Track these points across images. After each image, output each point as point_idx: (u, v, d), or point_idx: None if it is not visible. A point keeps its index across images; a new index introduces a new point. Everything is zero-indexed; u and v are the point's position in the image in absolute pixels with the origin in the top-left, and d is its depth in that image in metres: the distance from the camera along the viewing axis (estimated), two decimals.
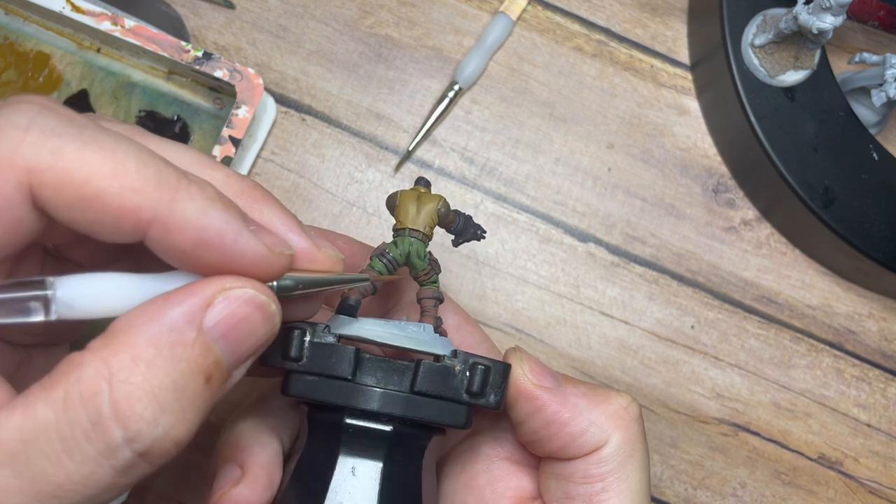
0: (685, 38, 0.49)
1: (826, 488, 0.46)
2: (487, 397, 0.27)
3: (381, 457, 0.27)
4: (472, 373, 0.27)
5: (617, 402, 0.29)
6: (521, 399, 0.28)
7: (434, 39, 0.48)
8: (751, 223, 0.48)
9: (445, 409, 0.27)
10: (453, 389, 0.27)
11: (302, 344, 0.26)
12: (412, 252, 0.30)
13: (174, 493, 0.44)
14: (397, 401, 0.26)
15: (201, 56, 0.42)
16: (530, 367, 0.29)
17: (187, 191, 0.20)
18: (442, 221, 0.30)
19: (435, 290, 0.30)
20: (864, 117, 0.46)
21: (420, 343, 0.28)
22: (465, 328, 0.34)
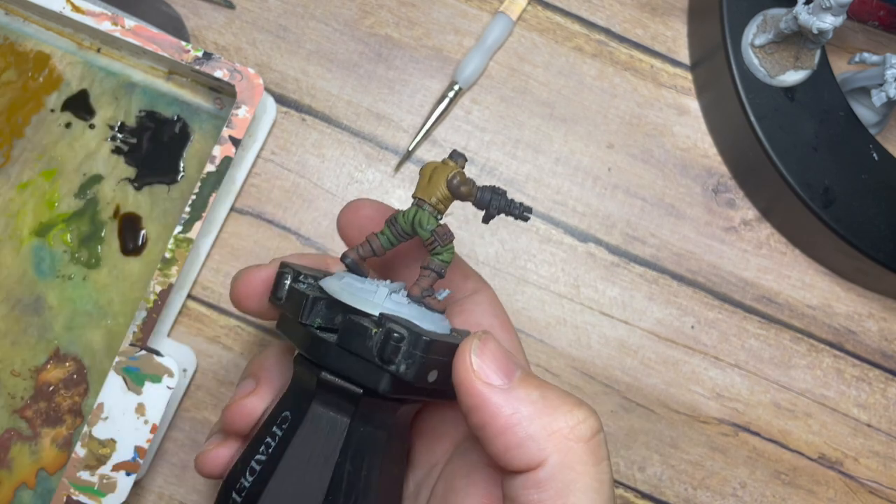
0: (685, 38, 0.49)
1: (826, 488, 0.46)
2: (398, 366, 0.26)
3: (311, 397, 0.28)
4: (385, 337, 0.26)
5: (564, 418, 0.25)
6: (463, 391, 0.26)
7: (434, 39, 0.48)
8: (751, 223, 0.48)
9: (364, 368, 0.27)
10: (367, 350, 0.26)
11: (283, 286, 0.30)
12: (415, 220, 0.29)
13: (174, 493, 0.44)
14: (324, 348, 0.27)
15: (201, 56, 0.42)
16: (481, 358, 0.26)
17: None
18: (455, 192, 0.29)
19: (436, 263, 0.29)
20: (864, 117, 0.46)
21: (358, 300, 0.28)
22: (498, 333, 0.33)
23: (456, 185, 0.29)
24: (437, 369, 0.27)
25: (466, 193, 0.29)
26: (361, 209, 0.34)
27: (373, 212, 0.34)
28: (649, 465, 0.45)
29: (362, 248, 0.30)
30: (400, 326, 0.26)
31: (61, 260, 0.44)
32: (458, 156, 0.30)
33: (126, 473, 0.39)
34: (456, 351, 0.27)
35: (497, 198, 0.30)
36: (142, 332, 0.40)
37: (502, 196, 0.30)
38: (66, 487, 0.38)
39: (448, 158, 0.30)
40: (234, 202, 0.45)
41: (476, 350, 0.26)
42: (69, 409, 0.43)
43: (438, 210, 0.30)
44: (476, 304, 0.34)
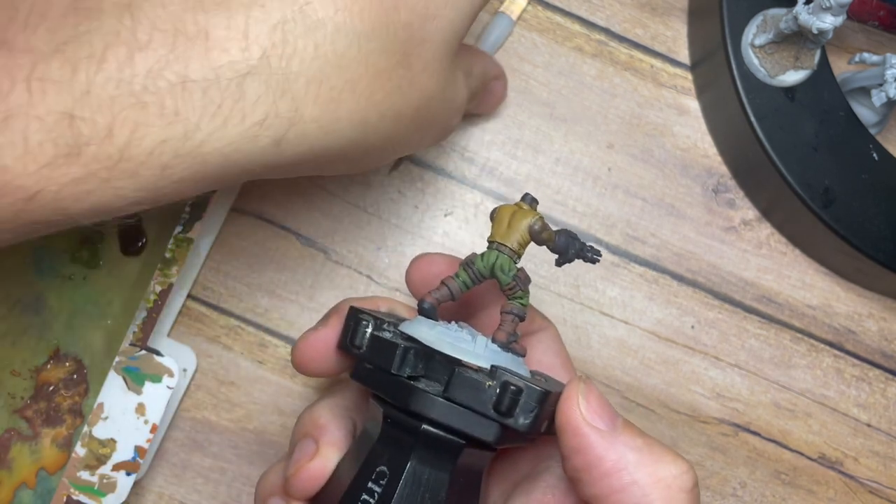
0: (685, 38, 0.49)
1: (826, 488, 0.46)
2: (516, 418, 0.27)
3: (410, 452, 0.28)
4: (502, 390, 0.26)
5: (669, 468, 0.27)
6: (568, 432, 0.27)
7: None
8: (751, 223, 0.48)
9: (474, 421, 0.27)
10: (482, 403, 0.27)
11: (364, 334, 0.29)
12: (496, 266, 0.30)
13: (174, 493, 0.44)
14: (428, 402, 0.27)
15: None
16: (588, 402, 0.27)
17: None
18: (535, 238, 0.30)
19: (517, 307, 0.30)
20: (864, 117, 0.46)
21: (463, 352, 0.28)
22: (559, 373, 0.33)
23: (538, 231, 0.30)
24: (546, 420, 0.28)
25: (547, 239, 0.30)
26: (434, 265, 0.34)
27: (446, 267, 0.34)
28: None
29: (439, 293, 0.30)
30: (516, 378, 0.27)
31: (61, 260, 0.44)
32: (531, 199, 0.31)
33: (126, 473, 0.39)
34: (562, 395, 0.28)
35: (573, 242, 0.31)
36: (142, 332, 0.40)
37: (576, 240, 0.31)
38: (66, 487, 0.38)
39: (521, 202, 0.31)
40: (234, 202, 0.45)
41: (584, 394, 0.28)
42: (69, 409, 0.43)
43: (518, 255, 0.30)
44: (539, 341, 0.35)
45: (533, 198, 0.31)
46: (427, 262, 0.34)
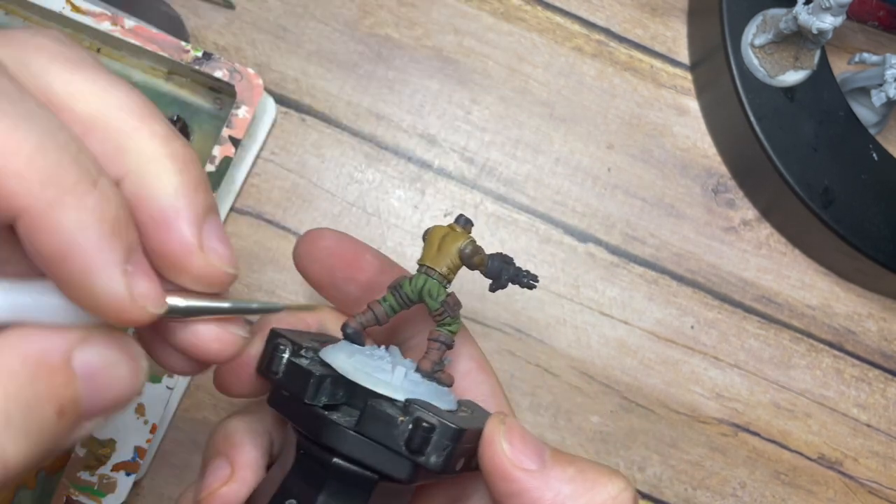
0: (685, 38, 0.49)
1: (826, 488, 0.46)
2: (427, 457, 0.25)
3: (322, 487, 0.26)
4: (414, 427, 0.25)
5: (607, 489, 0.26)
6: (497, 476, 0.26)
7: (434, 39, 0.48)
8: (751, 223, 0.48)
9: (386, 457, 0.25)
10: (393, 439, 0.25)
11: (281, 359, 0.27)
12: (424, 290, 0.28)
13: (174, 493, 0.44)
14: (340, 435, 0.26)
15: (201, 56, 0.42)
16: (511, 443, 0.26)
17: (77, 198, 0.18)
18: (466, 263, 0.28)
19: (445, 335, 0.28)
20: (864, 117, 0.46)
21: (379, 384, 0.26)
22: (476, 377, 0.32)
23: (469, 256, 0.28)
24: (464, 457, 0.26)
25: (479, 263, 0.29)
26: (320, 240, 0.32)
27: (334, 243, 0.32)
28: (649, 465, 0.45)
29: (364, 317, 0.29)
30: (430, 414, 0.25)
31: None
32: (465, 221, 0.29)
33: (126, 473, 0.39)
34: (482, 436, 0.26)
35: (507, 268, 0.29)
36: None
37: (511, 265, 0.29)
38: (66, 487, 0.38)
39: (455, 223, 0.29)
40: (234, 202, 0.45)
41: (505, 436, 0.26)
42: None
43: (448, 279, 0.28)
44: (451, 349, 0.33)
45: (467, 219, 0.29)
46: (313, 238, 0.32)
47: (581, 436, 0.45)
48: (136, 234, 0.20)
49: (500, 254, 0.29)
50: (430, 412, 0.25)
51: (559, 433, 0.45)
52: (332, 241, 0.32)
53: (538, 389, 0.45)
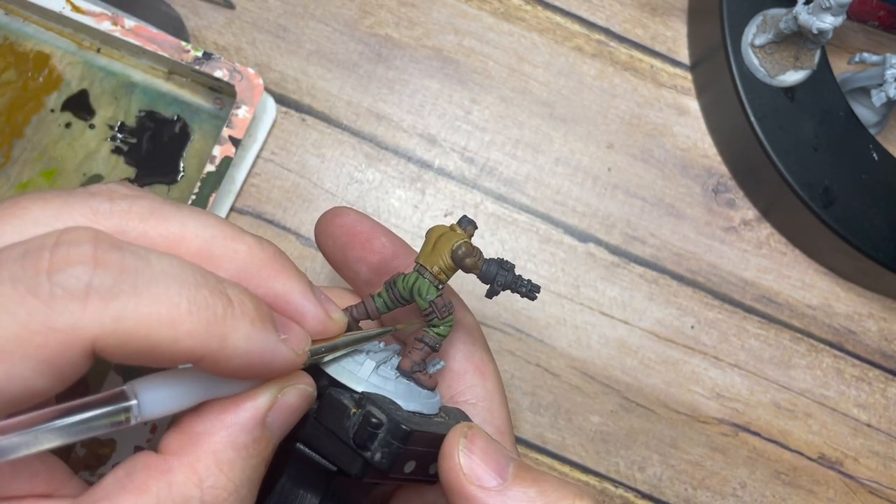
0: (685, 38, 0.49)
1: (826, 488, 0.46)
2: (373, 453, 0.24)
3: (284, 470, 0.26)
4: (363, 421, 0.24)
5: None
6: (454, 494, 0.24)
7: (434, 39, 0.48)
8: (751, 223, 0.48)
9: (339, 449, 0.25)
10: (343, 430, 0.25)
11: None
12: (414, 288, 0.28)
13: None
14: (303, 421, 0.25)
15: (201, 56, 0.42)
16: (470, 457, 0.24)
17: (233, 322, 0.22)
18: (458, 264, 0.27)
19: (431, 336, 0.28)
20: (864, 117, 0.46)
21: (343, 373, 0.26)
22: (471, 379, 0.31)
23: (460, 257, 0.27)
24: (415, 460, 0.25)
25: (471, 266, 0.27)
26: (338, 217, 0.32)
27: (351, 221, 0.32)
28: (649, 465, 0.45)
29: (356, 310, 0.28)
30: (379, 411, 0.24)
31: None
32: (467, 222, 0.28)
33: None
34: (441, 444, 0.25)
35: (503, 273, 0.28)
36: None
37: (509, 271, 0.28)
38: None
39: (457, 224, 0.28)
40: (234, 202, 0.45)
41: (464, 449, 0.25)
42: None
43: (440, 279, 0.28)
44: (449, 344, 0.32)
45: (470, 220, 0.28)
46: (332, 215, 0.32)
47: (581, 436, 0.45)
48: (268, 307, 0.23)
49: (500, 259, 0.28)
50: (381, 409, 0.25)
51: (559, 433, 0.45)
52: (349, 220, 0.32)
53: (538, 389, 0.45)
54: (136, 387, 0.22)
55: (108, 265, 0.20)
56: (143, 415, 0.22)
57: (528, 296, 0.28)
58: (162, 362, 0.21)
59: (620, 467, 0.45)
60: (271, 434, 0.23)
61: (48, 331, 0.19)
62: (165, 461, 0.22)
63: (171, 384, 0.22)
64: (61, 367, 0.20)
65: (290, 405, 0.24)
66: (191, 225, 0.23)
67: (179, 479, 0.21)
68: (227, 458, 0.22)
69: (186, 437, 0.22)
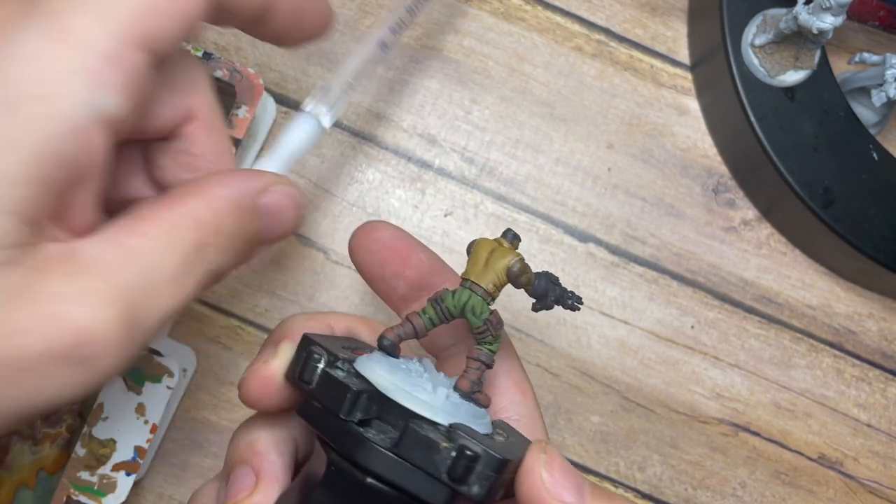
0: (685, 38, 0.49)
1: (826, 488, 0.46)
2: (470, 486, 0.24)
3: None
4: (458, 455, 0.24)
5: None
6: None
7: (434, 39, 0.48)
8: (751, 223, 0.48)
9: (424, 483, 0.25)
10: (433, 465, 0.24)
11: (315, 369, 0.26)
12: (467, 307, 0.27)
13: (174, 493, 0.44)
14: (377, 456, 0.25)
15: (201, 56, 0.42)
16: (551, 474, 0.25)
17: None
18: (513, 281, 0.27)
19: (485, 354, 0.28)
20: (864, 117, 0.46)
21: (420, 405, 0.26)
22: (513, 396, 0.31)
23: (516, 275, 0.27)
24: (504, 487, 0.25)
25: (526, 283, 0.28)
26: (375, 232, 0.31)
27: (388, 237, 0.31)
28: (649, 465, 0.45)
29: (402, 330, 0.28)
30: (474, 443, 0.24)
31: None
32: (512, 236, 0.28)
33: (126, 473, 0.39)
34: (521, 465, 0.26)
35: (553, 288, 0.28)
36: None
37: (557, 285, 0.28)
38: (66, 487, 0.38)
39: (502, 237, 0.28)
40: None
41: (546, 465, 0.25)
42: (69, 409, 0.43)
43: (492, 297, 0.27)
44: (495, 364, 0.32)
45: (515, 234, 0.28)
46: (369, 229, 0.32)
47: (581, 436, 0.45)
48: None
49: (547, 273, 0.28)
50: (474, 440, 0.24)
51: (559, 433, 0.45)
52: (387, 235, 0.31)
53: (538, 389, 0.45)
54: None
55: None
56: None
57: (573, 308, 0.29)
58: None
59: (620, 467, 0.45)
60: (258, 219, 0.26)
61: None
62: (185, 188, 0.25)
63: None
64: None
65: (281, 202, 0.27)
66: None
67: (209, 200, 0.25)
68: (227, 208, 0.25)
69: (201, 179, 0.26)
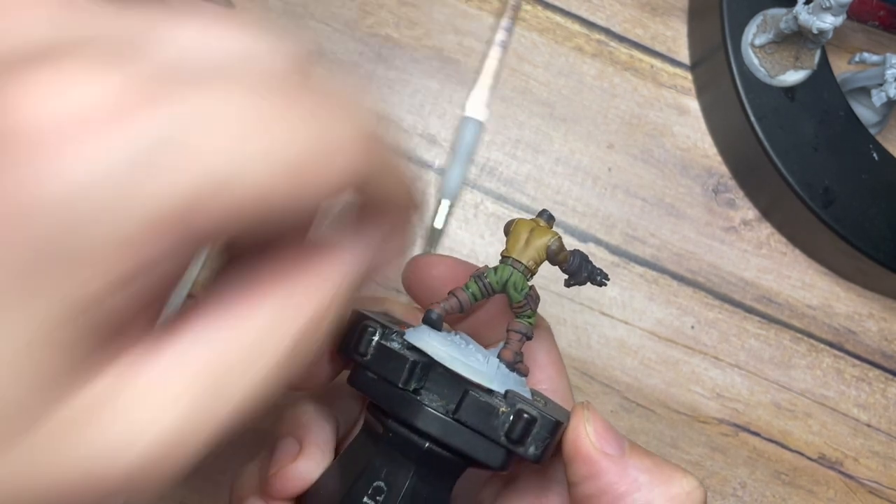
0: (685, 38, 0.49)
1: (826, 488, 0.46)
2: (527, 447, 0.26)
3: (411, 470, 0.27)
4: (515, 418, 0.26)
5: (680, 485, 0.28)
6: (580, 460, 0.27)
7: (434, 39, 0.48)
8: (751, 223, 0.48)
9: (482, 445, 0.26)
10: (492, 429, 0.26)
11: (370, 342, 0.27)
12: (509, 282, 0.29)
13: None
14: (436, 421, 0.26)
15: None
16: (595, 429, 0.27)
17: None
18: (551, 259, 0.29)
19: (525, 326, 0.29)
20: (864, 117, 0.46)
21: (476, 373, 0.27)
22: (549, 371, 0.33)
23: (555, 252, 0.29)
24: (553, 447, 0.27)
25: (563, 260, 0.30)
26: (432, 269, 0.32)
27: (446, 272, 0.32)
28: None
29: (448, 303, 0.29)
30: (531, 407, 0.26)
31: None
32: (548, 216, 0.30)
33: None
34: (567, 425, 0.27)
35: (586, 265, 0.30)
36: None
37: (589, 262, 0.30)
38: None
39: (539, 217, 0.30)
40: None
41: (590, 421, 0.27)
42: None
43: (532, 272, 0.29)
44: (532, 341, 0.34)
45: (550, 215, 0.30)
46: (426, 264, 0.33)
47: None
48: None
49: (580, 251, 0.30)
50: (530, 405, 0.26)
51: None
52: (444, 270, 0.32)
53: None
54: None
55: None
56: None
57: (601, 283, 0.31)
58: None
59: None
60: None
61: None
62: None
63: None
64: None
65: None
66: None
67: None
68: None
69: None
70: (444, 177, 0.46)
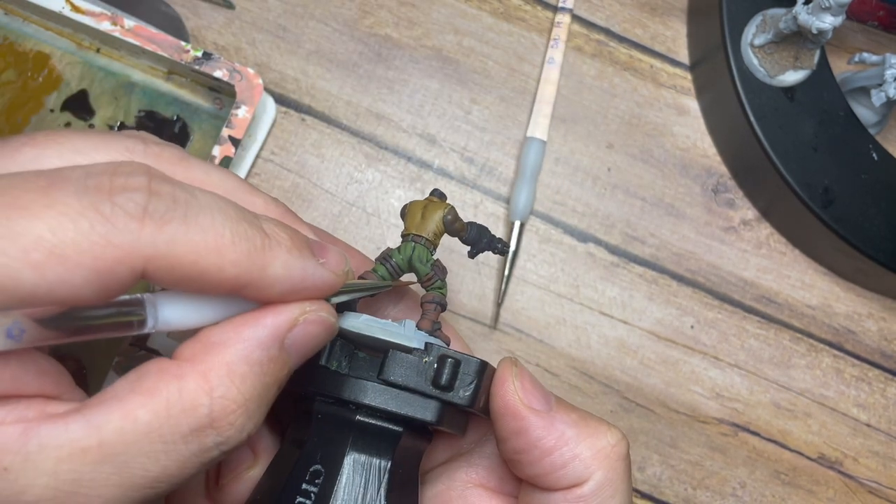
0: (685, 38, 0.49)
1: (826, 488, 0.46)
2: (457, 392, 0.26)
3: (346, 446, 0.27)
4: (440, 364, 0.26)
5: (606, 438, 0.28)
6: (508, 415, 0.27)
7: (434, 39, 0.48)
8: (750, 223, 0.48)
9: (412, 401, 0.27)
10: (419, 382, 0.26)
11: None
12: (414, 257, 0.30)
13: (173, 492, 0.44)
14: (362, 388, 0.27)
15: (201, 56, 0.42)
16: (522, 384, 0.27)
17: (272, 252, 0.23)
18: (448, 229, 0.30)
19: (437, 296, 0.30)
20: (864, 117, 0.46)
21: (393, 335, 0.27)
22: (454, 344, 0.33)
23: (451, 222, 0.30)
24: (485, 395, 0.27)
25: (460, 229, 0.31)
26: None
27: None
28: (649, 465, 0.45)
29: None
30: (453, 351, 0.26)
31: None
32: (440, 193, 0.31)
33: None
34: (494, 376, 0.28)
35: (484, 233, 0.31)
36: None
37: (486, 232, 0.32)
38: None
39: (432, 196, 0.31)
40: None
41: (517, 376, 0.28)
42: None
43: (434, 244, 0.30)
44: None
45: (441, 192, 0.31)
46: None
47: None
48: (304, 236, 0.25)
49: (476, 223, 0.32)
50: (452, 350, 0.27)
51: None
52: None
53: None
54: (156, 298, 0.23)
55: (161, 194, 0.21)
56: (160, 323, 0.23)
57: (501, 252, 0.32)
58: (206, 290, 0.22)
59: None
60: (287, 357, 0.24)
61: (107, 244, 0.20)
62: (178, 367, 0.22)
63: (192, 298, 0.23)
64: (109, 281, 0.20)
65: (310, 331, 0.24)
66: (214, 176, 0.25)
67: (190, 386, 0.22)
68: (240, 372, 0.22)
69: (202, 345, 0.23)
70: (512, 199, 0.46)
